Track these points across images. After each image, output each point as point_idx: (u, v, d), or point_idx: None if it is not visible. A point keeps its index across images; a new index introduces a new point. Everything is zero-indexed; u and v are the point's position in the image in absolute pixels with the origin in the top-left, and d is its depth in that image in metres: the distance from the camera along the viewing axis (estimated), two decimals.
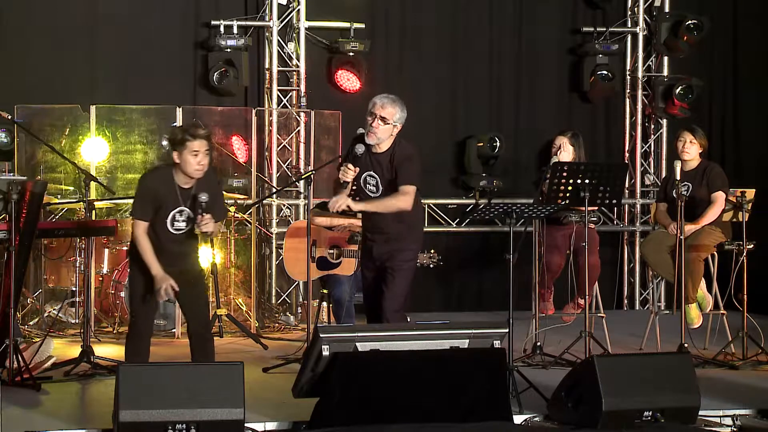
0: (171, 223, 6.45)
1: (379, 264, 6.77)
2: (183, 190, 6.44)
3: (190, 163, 6.36)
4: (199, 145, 6.34)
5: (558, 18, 11.91)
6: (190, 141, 6.34)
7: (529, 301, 8.50)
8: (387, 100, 6.72)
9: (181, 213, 6.46)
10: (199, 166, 6.36)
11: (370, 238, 6.84)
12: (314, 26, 11.12)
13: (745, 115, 12.09)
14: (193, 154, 6.35)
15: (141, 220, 6.43)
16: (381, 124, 6.66)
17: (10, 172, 9.53)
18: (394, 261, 6.71)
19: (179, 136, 6.37)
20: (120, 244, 9.77)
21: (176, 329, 9.25)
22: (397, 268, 6.71)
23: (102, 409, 6.25)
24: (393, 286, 6.69)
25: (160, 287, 6.35)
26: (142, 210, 6.42)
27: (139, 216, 6.44)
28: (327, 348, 5.76)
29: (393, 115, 6.68)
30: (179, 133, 6.40)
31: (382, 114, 6.66)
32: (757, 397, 6.79)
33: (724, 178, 8.42)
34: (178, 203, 6.43)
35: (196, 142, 6.34)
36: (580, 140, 8.48)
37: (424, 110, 11.39)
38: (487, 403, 5.94)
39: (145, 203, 6.42)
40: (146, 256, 6.39)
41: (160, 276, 6.36)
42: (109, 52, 10.77)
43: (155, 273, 6.37)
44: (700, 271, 8.28)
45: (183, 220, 6.47)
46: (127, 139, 10.17)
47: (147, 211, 6.41)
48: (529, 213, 7.26)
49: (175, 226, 6.46)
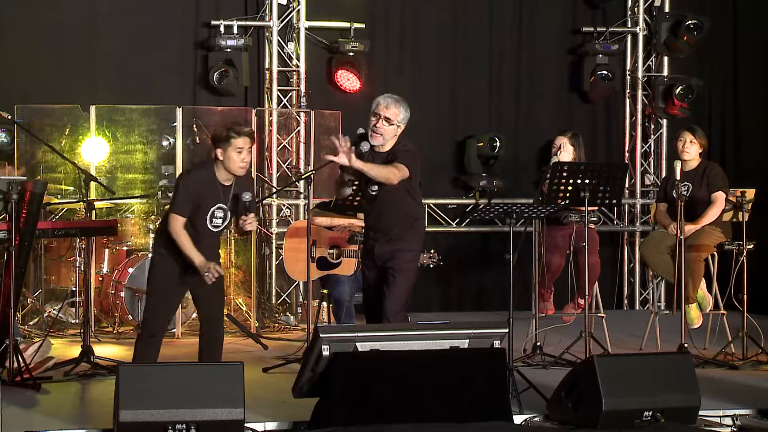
0: (210, 219, 6.46)
1: (381, 264, 6.75)
2: (224, 187, 6.45)
3: (234, 161, 6.37)
4: (243, 143, 6.37)
5: (558, 18, 11.91)
6: (235, 138, 6.35)
7: (529, 301, 8.50)
8: (391, 101, 6.66)
9: (219, 210, 6.47)
10: (243, 163, 6.39)
11: (372, 237, 6.81)
12: (314, 26, 11.12)
13: (745, 115, 12.09)
14: (238, 151, 6.36)
15: (181, 216, 6.40)
16: (386, 124, 6.62)
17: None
18: (396, 261, 6.68)
19: (224, 134, 6.38)
20: (120, 244, 9.78)
21: (176, 329, 9.25)
22: (398, 268, 6.67)
23: (102, 409, 6.25)
24: (394, 287, 6.66)
25: (208, 269, 6.32)
26: (182, 206, 6.39)
27: (180, 211, 6.40)
28: (327, 348, 5.76)
29: (397, 116, 6.64)
30: (224, 131, 6.41)
31: (386, 114, 6.62)
32: (757, 397, 6.78)
33: (725, 178, 8.42)
34: (219, 200, 6.44)
35: (240, 139, 6.36)
36: (580, 140, 8.48)
37: (424, 110, 11.38)
38: (487, 403, 5.94)
39: (187, 200, 6.40)
40: (187, 249, 6.36)
41: (204, 262, 6.34)
42: (109, 52, 10.77)
43: (199, 261, 6.34)
44: (700, 271, 8.29)
45: (220, 217, 6.49)
46: (127, 139, 10.17)
47: (187, 207, 6.40)
48: (529, 213, 7.26)
49: (213, 222, 6.48)
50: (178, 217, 6.41)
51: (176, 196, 6.47)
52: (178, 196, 6.45)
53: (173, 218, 6.42)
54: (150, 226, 9.65)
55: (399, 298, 6.66)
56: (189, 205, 6.40)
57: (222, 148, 6.38)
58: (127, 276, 9.41)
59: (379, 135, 6.63)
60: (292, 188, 10.87)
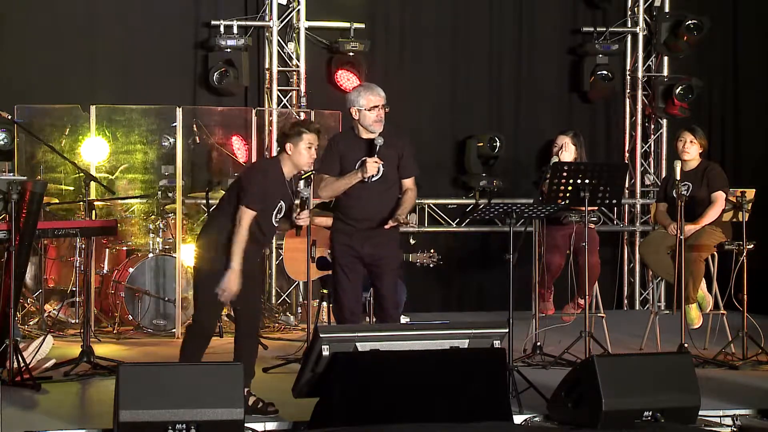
0: (276, 214, 6.47)
1: (369, 261, 6.85)
2: (288, 182, 6.50)
3: (304, 156, 6.41)
4: (313, 138, 6.42)
5: (558, 18, 11.91)
6: (307, 134, 6.40)
7: (529, 301, 8.50)
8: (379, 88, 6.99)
9: (283, 203, 6.49)
10: (311, 159, 6.44)
11: (354, 225, 6.87)
12: (314, 26, 11.12)
13: (745, 115, 12.09)
14: (308, 146, 6.40)
15: (253, 210, 6.32)
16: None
17: (10, 172, 9.52)
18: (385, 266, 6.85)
19: (295, 129, 6.44)
20: (120, 244, 9.78)
21: (176, 329, 9.25)
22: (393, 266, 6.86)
23: (102, 409, 6.25)
24: (388, 285, 6.84)
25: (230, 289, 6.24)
26: (255, 201, 6.31)
27: (253, 206, 6.31)
28: (327, 348, 5.76)
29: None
30: (295, 126, 6.48)
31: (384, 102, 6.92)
32: (757, 397, 6.79)
33: (725, 178, 8.42)
34: (285, 195, 6.47)
35: (311, 135, 6.41)
36: (581, 140, 8.49)
37: (424, 110, 11.40)
38: (487, 403, 5.94)
39: (261, 195, 6.34)
40: (238, 247, 6.26)
41: (237, 274, 6.24)
42: (109, 52, 10.77)
43: (236, 267, 6.23)
44: (700, 271, 8.28)
45: (283, 210, 6.51)
46: (127, 139, 10.17)
47: (258, 203, 6.33)
48: (529, 213, 7.26)
49: (277, 217, 6.49)
50: (251, 212, 6.30)
51: (251, 188, 6.34)
52: (252, 188, 6.33)
53: (244, 211, 6.28)
54: (150, 226, 9.66)
55: (400, 294, 6.79)
56: (261, 202, 6.35)
57: (292, 142, 6.39)
58: (127, 276, 9.41)
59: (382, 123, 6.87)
60: None
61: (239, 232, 6.28)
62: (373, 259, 6.85)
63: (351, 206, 6.92)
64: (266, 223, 6.45)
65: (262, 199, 6.35)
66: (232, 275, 6.23)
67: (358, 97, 6.93)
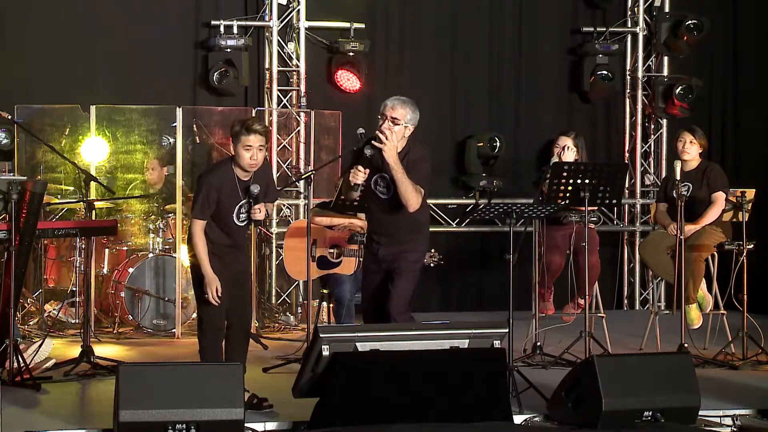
0: (237, 216, 6.47)
1: (386, 266, 6.70)
2: (242, 182, 6.45)
3: (243, 158, 6.36)
4: (253, 140, 6.33)
5: (558, 18, 11.91)
6: (245, 135, 6.33)
7: (529, 301, 8.50)
8: (398, 102, 6.66)
9: (244, 205, 6.47)
10: (251, 161, 6.36)
11: (375, 240, 6.76)
12: (314, 26, 11.12)
13: (745, 115, 12.09)
14: (246, 148, 6.34)
15: (200, 219, 6.40)
16: (392, 125, 6.61)
17: (10, 172, 9.52)
18: (402, 262, 6.64)
19: (235, 129, 6.38)
20: (120, 244, 9.78)
21: (176, 329, 9.25)
22: (404, 269, 6.64)
23: (102, 409, 6.26)
24: (399, 287, 6.63)
25: (211, 289, 6.35)
26: (202, 210, 6.38)
27: (200, 215, 6.40)
28: (327, 348, 5.76)
29: (405, 116, 6.63)
30: (236, 125, 6.40)
31: (393, 115, 6.60)
32: (757, 397, 6.79)
33: (725, 179, 8.42)
34: (239, 197, 6.44)
35: (250, 137, 6.32)
36: (582, 140, 8.49)
37: (424, 110, 11.21)
38: (487, 403, 5.94)
39: (207, 203, 6.38)
40: (200, 254, 6.39)
41: (210, 276, 6.37)
42: (109, 52, 10.77)
43: (206, 272, 6.37)
44: (701, 272, 8.29)
45: (245, 211, 6.49)
46: (127, 139, 10.17)
47: (206, 211, 6.39)
48: (529, 213, 7.27)
49: (241, 218, 6.50)
50: (198, 221, 6.41)
51: (195, 199, 6.45)
52: (197, 198, 6.43)
53: (193, 222, 6.44)
54: (150, 226, 9.66)
55: (404, 297, 6.64)
56: (208, 207, 6.39)
57: (234, 143, 6.39)
58: (127, 276, 9.41)
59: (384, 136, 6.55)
60: (292, 188, 10.87)
61: (195, 242, 6.40)
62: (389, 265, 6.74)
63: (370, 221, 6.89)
64: (229, 226, 6.47)
65: (208, 206, 6.38)
66: (207, 281, 6.36)
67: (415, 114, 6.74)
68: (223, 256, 6.47)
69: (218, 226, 6.45)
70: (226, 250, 6.50)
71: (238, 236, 6.57)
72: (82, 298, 9.09)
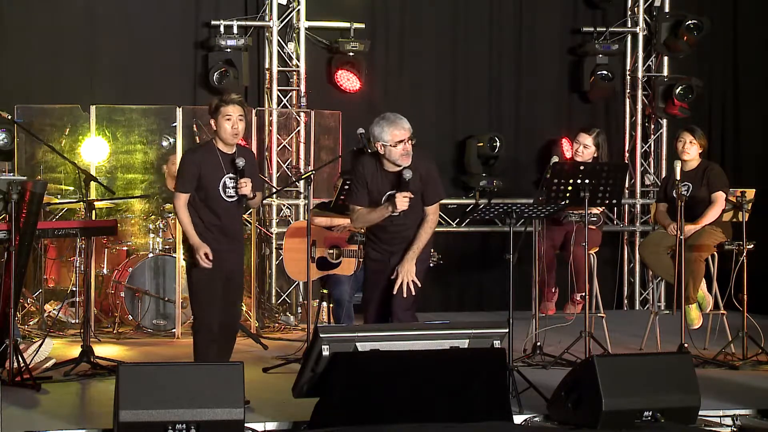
0: (223, 190, 6.56)
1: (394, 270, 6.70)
2: (225, 155, 6.57)
3: (225, 129, 6.52)
4: (232, 110, 6.52)
5: (558, 18, 11.91)
6: (224, 106, 6.53)
7: (529, 301, 8.50)
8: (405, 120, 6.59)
9: (231, 179, 6.56)
10: (233, 130, 6.53)
11: (388, 251, 6.72)
12: (314, 26, 11.12)
13: (745, 115, 12.09)
14: (227, 118, 6.51)
15: (182, 193, 6.55)
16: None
17: (10, 172, 9.53)
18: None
19: (214, 104, 6.59)
20: (120, 244, 9.78)
21: (176, 329, 9.25)
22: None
23: (102, 409, 6.26)
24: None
25: (200, 254, 6.46)
26: (183, 184, 6.55)
27: (181, 188, 6.56)
28: (327, 348, 5.76)
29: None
30: (214, 101, 6.62)
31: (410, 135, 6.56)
32: (757, 397, 6.79)
33: (725, 179, 8.42)
34: (225, 170, 6.55)
35: (229, 107, 6.52)
36: (603, 138, 8.49)
37: (424, 110, 11.39)
38: (487, 403, 5.94)
39: (188, 178, 6.54)
40: (185, 226, 6.55)
41: (197, 243, 6.50)
42: (109, 52, 10.77)
43: (193, 242, 6.51)
44: (701, 272, 8.28)
45: (232, 187, 6.58)
46: (127, 139, 10.17)
47: (187, 185, 6.54)
48: (529, 213, 7.27)
49: (227, 193, 6.58)
50: (180, 194, 6.57)
51: (177, 175, 6.64)
52: (178, 175, 6.62)
53: (176, 196, 6.60)
54: (150, 226, 9.66)
55: (410, 296, 6.65)
56: (190, 182, 6.54)
57: (214, 118, 6.56)
58: (127, 276, 9.41)
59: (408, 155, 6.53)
60: (292, 188, 10.87)
61: (179, 215, 6.58)
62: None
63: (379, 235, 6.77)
64: (215, 202, 6.55)
65: (191, 180, 6.52)
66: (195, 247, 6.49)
67: (382, 132, 6.51)
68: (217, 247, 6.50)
69: (207, 203, 6.55)
70: (218, 236, 6.54)
71: (229, 218, 6.62)
72: (82, 298, 9.09)
